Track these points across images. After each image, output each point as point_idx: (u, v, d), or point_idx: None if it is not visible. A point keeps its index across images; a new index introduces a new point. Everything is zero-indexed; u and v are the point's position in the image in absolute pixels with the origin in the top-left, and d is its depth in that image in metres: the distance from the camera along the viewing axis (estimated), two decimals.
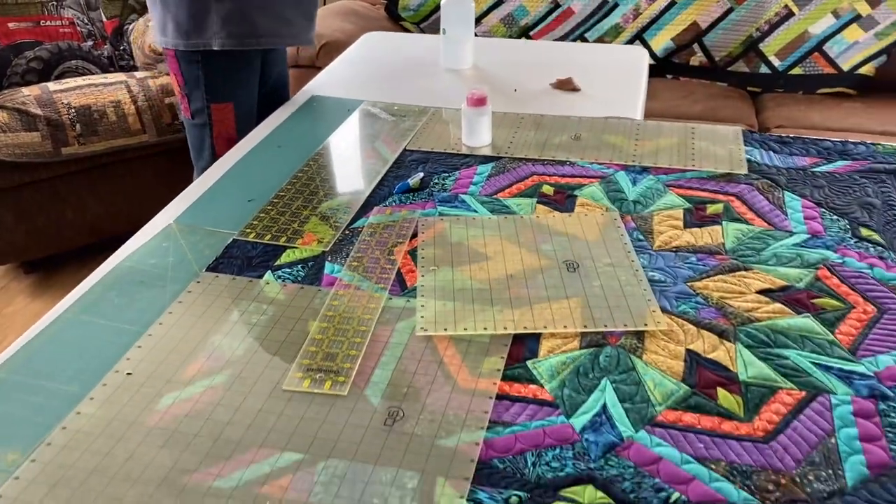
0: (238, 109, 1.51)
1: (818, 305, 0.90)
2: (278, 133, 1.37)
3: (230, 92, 1.50)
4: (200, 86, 1.49)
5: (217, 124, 1.51)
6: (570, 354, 0.82)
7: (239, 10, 1.44)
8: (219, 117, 1.51)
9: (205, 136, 1.52)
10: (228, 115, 1.51)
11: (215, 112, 1.50)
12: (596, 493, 0.67)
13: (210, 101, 1.49)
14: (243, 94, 1.52)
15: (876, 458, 0.70)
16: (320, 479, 0.68)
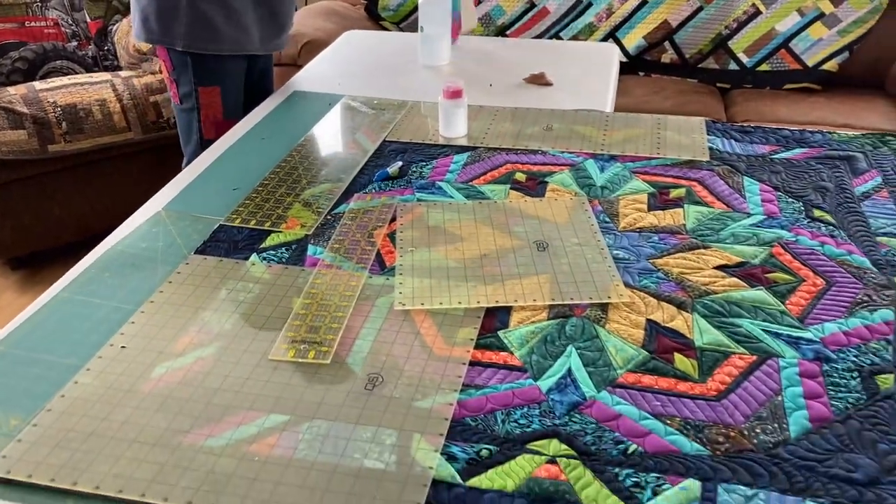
0: (225, 93, 1.57)
1: (771, 279, 0.96)
2: (262, 126, 1.42)
3: (217, 76, 1.56)
4: (188, 70, 1.54)
5: (204, 108, 1.56)
6: (538, 325, 0.88)
7: (204, 16, 1.50)
8: (206, 101, 1.56)
9: (193, 120, 1.58)
10: (216, 99, 1.56)
11: (203, 95, 1.55)
12: (560, 445, 0.72)
13: (198, 85, 1.54)
14: (230, 79, 1.57)
15: (818, 412, 0.76)
16: (305, 437, 0.73)
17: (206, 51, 1.52)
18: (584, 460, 0.71)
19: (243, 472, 0.70)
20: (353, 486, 0.68)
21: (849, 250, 1.02)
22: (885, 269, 0.99)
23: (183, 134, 1.63)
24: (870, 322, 0.89)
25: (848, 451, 0.72)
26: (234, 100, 1.59)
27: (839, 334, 0.87)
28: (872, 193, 1.16)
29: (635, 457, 0.71)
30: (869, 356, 0.84)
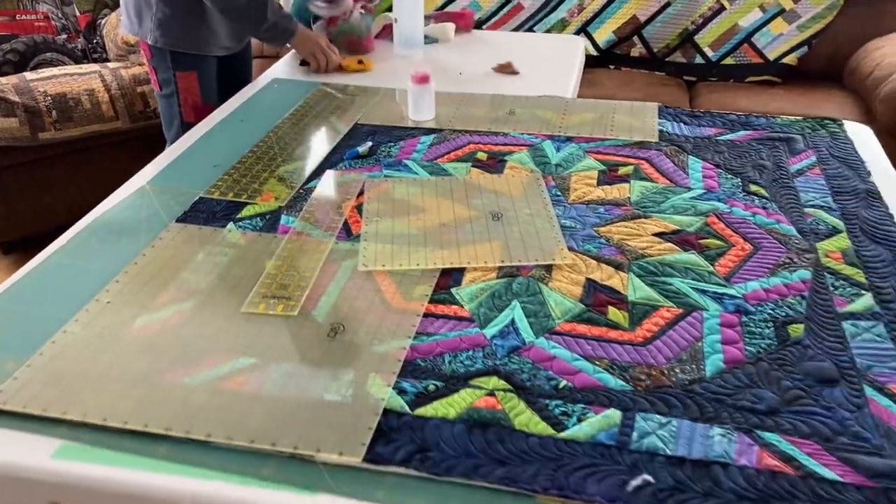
0: (202, 78, 1.67)
1: (703, 244, 1.05)
2: (241, 110, 1.50)
3: (193, 62, 1.66)
4: (166, 57, 1.65)
5: (183, 92, 1.66)
6: (488, 283, 0.97)
7: (171, 16, 1.61)
8: (184, 85, 1.66)
9: (173, 105, 1.68)
10: (193, 84, 1.66)
11: (181, 80, 1.66)
12: (499, 381, 0.81)
13: (175, 70, 1.65)
14: (206, 63, 1.67)
15: (732, 356, 0.85)
16: (271, 376, 0.82)
17: (175, 48, 1.63)
18: (520, 393, 0.80)
19: (215, 403, 0.78)
20: (312, 415, 0.77)
21: (777, 220, 1.11)
22: (809, 236, 1.08)
23: (165, 120, 1.73)
24: (789, 281, 0.98)
25: (755, 387, 0.81)
26: (211, 85, 1.69)
27: (760, 291, 0.96)
28: (806, 171, 1.26)
29: (565, 391, 0.80)
30: (784, 309, 0.93)
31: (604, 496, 0.69)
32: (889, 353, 0.86)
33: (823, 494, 0.69)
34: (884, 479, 0.71)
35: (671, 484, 0.70)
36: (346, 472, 0.71)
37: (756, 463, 0.72)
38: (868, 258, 1.03)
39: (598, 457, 0.73)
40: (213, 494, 0.70)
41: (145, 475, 0.71)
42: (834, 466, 0.72)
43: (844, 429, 0.76)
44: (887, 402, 0.79)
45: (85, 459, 0.73)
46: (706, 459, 0.72)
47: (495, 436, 0.75)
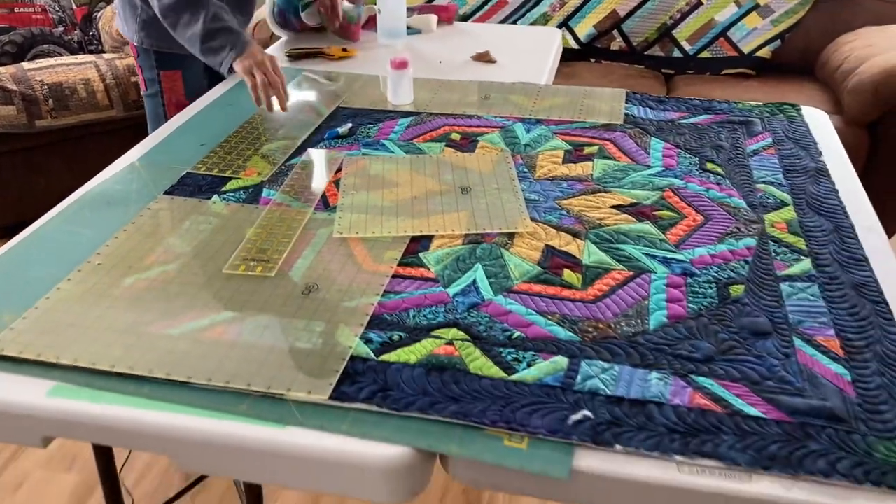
0: (186, 77, 1.69)
1: (657, 216, 1.13)
2: (229, 95, 1.57)
3: (178, 61, 1.67)
4: (150, 57, 1.67)
5: (167, 91, 1.69)
6: (453, 249, 1.04)
7: (151, 17, 1.60)
8: (168, 84, 1.68)
9: (158, 105, 1.71)
10: (178, 83, 1.69)
11: (165, 79, 1.68)
12: (458, 332, 0.88)
13: (160, 69, 1.67)
14: (190, 62, 1.67)
15: (675, 312, 0.93)
16: (248, 328, 0.89)
17: (159, 48, 1.66)
18: (476, 342, 0.87)
19: (195, 351, 0.85)
20: (285, 360, 0.84)
21: (730, 194, 1.19)
22: (758, 208, 1.15)
23: (150, 120, 1.74)
24: (734, 247, 1.05)
25: (693, 339, 0.88)
26: (196, 83, 1.71)
27: (706, 256, 1.03)
28: (761, 151, 1.33)
29: (518, 340, 0.87)
30: (727, 272, 1.00)
31: (547, 428, 0.76)
32: (820, 310, 0.93)
33: (746, 428, 0.76)
34: (802, 416, 0.78)
35: (608, 419, 0.77)
36: (314, 409, 0.78)
37: (688, 402, 0.79)
38: (810, 228, 1.10)
39: (544, 396, 0.80)
40: (193, 428, 0.77)
41: (131, 411, 0.78)
42: (759, 405, 0.79)
43: (772, 374, 0.83)
44: (813, 352, 0.86)
45: (76, 398, 0.80)
46: (642, 399, 0.79)
47: (451, 378, 0.82)
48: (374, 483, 0.74)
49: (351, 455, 0.74)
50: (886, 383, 0.82)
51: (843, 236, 1.09)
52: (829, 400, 0.79)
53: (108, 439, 0.81)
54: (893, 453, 0.74)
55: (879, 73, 2.06)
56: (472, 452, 0.74)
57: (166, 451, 0.79)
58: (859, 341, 0.89)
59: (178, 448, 0.78)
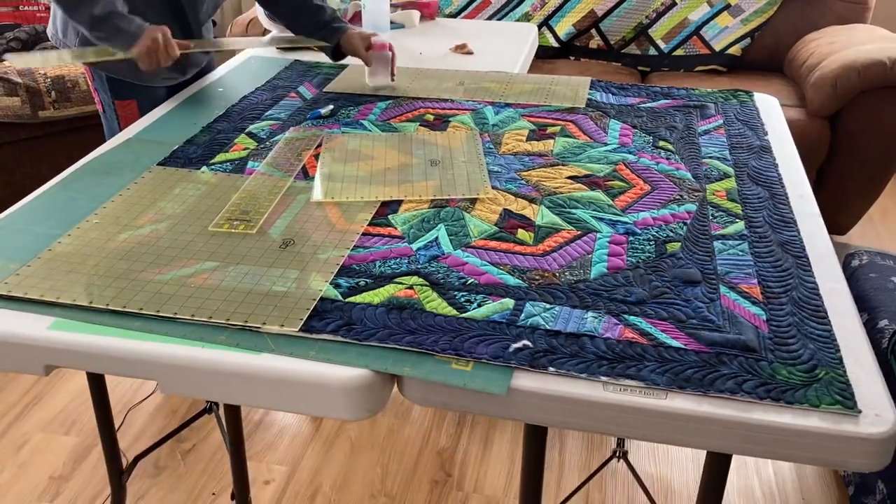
0: (143, 107, 1.57)
1: (609, 185, 1.23)
2: (220, 82, 1.67)
3: (133, 90, 1.58)
4: (104, 82, 1.57)
5: (124, 120, 1.60)
6: (420, 211, 1.14)
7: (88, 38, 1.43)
8: (124, 113, 1.59)
9: (115, 131, 1.61)
10: (133, 112, 1.59)
11: (120, 108, 1.59)
12: (418, 279, 0.98)
13: (114, 98, 1.58)
14: (146, 92, 1.59)
15: (614, 264, 1.03)
16: (230, 274, 0.99)
17: (112, 75, 1.55)
18: (433, 287, 0.97)
19: (182, 293, 0.95)
20: (261, 300, 0.94)
21: (677, 168, 1.29)
22: (702, 179, 1.25)
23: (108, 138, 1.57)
24: (675, 211, 1.15)
25: (629, 286, 0.98)
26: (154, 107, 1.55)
27: (648, 219, 1.14)
28: (712, 131, 1.43)
29: (471, 286, 0.97)
30: (666, 232, 1.10)
31: (490, 355, 0.86)
32: (747, 262, 1.04)
33: (668, 357, 0.86)
34: (718, 347, 0.88)
35: (545, 348, 0.87)
36: (285, 339, 0.88)
37: (618, 336, 0.89)
38: (747, 195, 1.21)
39: (490, 330, 0.90)
40: (178, 355, 0.87)
41: (123, 342, 0.88)
42: (681, 339, 0.89)
43: (696, 314, 0.93)
44: (735, 297, 0.97)
45: (74, 331, 0.90)
46: (577, 333, 0.89)
47: (409, 315, 0.92)
48: (337, 401, 0.84)
49: (317, 377, 0.84)
50: (797, 322, 0.92)
51: (776, 203, 1.19)
52: (744, 335, 0.89)
53: (103, 367, 0.91)
54: (794, 376, 0.84)
55: (838, 69, 2.17)
56: (422, 373, 0.84)
57: (154, 377, 0.88)
58: (778, 288, 0.99)
59: (165, 373, 0.88)
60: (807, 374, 0.84)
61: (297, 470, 1.69)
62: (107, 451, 1.43)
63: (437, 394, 0.85)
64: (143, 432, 1.78)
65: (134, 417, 1.82)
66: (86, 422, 1.79)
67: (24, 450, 1.72)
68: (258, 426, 1.81)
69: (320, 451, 1.74)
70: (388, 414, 1.84)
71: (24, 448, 1.73)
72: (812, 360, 0.86)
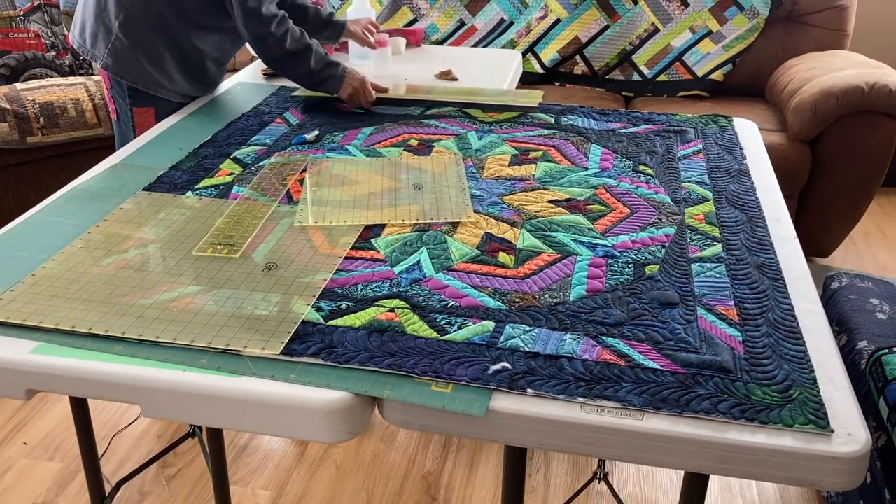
0: (159, 115, 1.66)
1: (589, 209, 1.25)
2: (208, 107, 1.69)
3: (152, 98, 1.66)
4: (123, 89, 1.65)
5: (140, 127, 1.66)
6: (402, 235, 1.16)
7: (131, 49, 1.60)
8: (140, 120, 1.67)
9: (129, 138, 1.67)
10: (150, 119, 1.66)
11: (137, 115, 1.67)
12: (400, 302, 1.00)
13: (132, 105, 1.65)
14: (165, 101, 1.68)
15: (593, 286, 1.04)
16: (213, 298, 1.00)
17: (123, 79, 1.64)
18: (415, 310, 0.98)
19: (164, 317, 0.96)
20: (244, 323, 0.94)
21: (656, 191, 1.31)
22: (680, 203, 1.28)
23: (119, 146, 1.67)
24: (654, 234, 1.17)
25: (607, 308, 1.00)
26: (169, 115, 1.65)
27: (627, 242, 1.15)
28: (691, 155, 1.46)
29: (452, 308, 0.99)
30: (645, 255, 1.12)
31: (469, 377, 0.87)
32: (723, 285, 1.05)
33: (644, 378, 0.87)
34: (695, 368, 0.89)
35: (524, 370, 0.88)
36: (266, 362, 0.89)
37: (595, 357, 0.90)
38: (725, 219, 1.23)
39: (470, 352, 0.91)
40: (160, 379, 0.87)
41: (105, 365, 0.89)
42: (658, 360, 0.90)
43: (673, 336, 0.95)
44: (712, 318, 0.98)
45: (57, 355, 0.90)
46: (556, 354, 0.91)
47: (389, 338, 0.93)
48: (318, 424, 0.85)
49: (298, 400, 0.85)
50: (772, 343, 0.94)
51: (753, 226, 1.21)
52: (720, 355, 0.91)
53: (85, 391, 0.91)
54: (768, 396, 0.85)
55: (818, 94, 2.21)
56: (402, 395, 0.85)
57: (137, 400, 0.89)
58: (754, 310, 1.00)
59: (147, 397, 0.88)
60: (781, 394, 0.85)
61: (282, 495, 1.68)
62: (89, 476, 1.43)
63: (417, 416, 0.86)
64: (128, 457, 1.77)
65: (119, 443, 1.81)
66: (70, 447, 1.78)
67: (8, 476, 1.71)
68: (243, 451, 1.81)
69: (305, 476, 1.73)
70: (373, 438, 1.84)
71: (8, 474, 1.72)
72: (786, 381, 0.87)
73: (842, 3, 2.61)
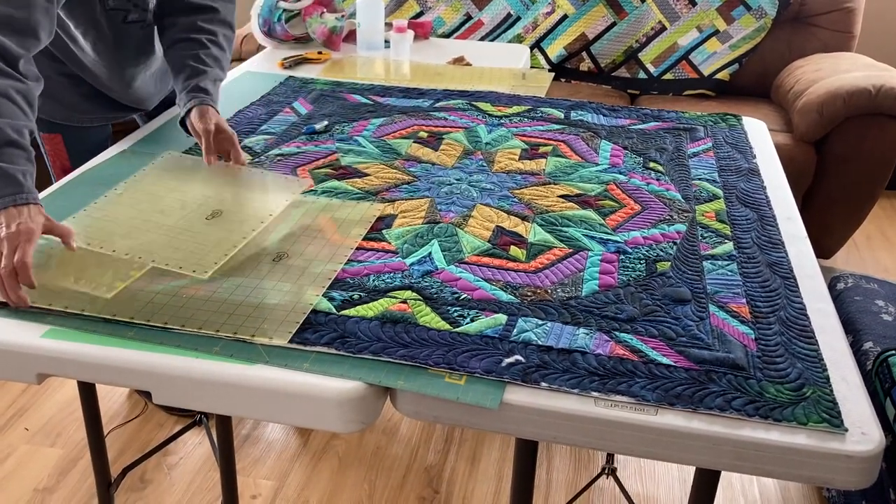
0: (69, 141, 1.51)
1: (600, 204, 1.24)
2: None
3: (57, 125, 1.50)
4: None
5: (50, 155, 1.53)
6: (413, 227, 1.15)
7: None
8: (50, 147, 1.52)
9: (44, 166, 1.47)
10: (59, 147, 1.52)
11: (46, 142, 1.52)
12: (412, 293, 0.99)
13: (39, 130, 1.48)
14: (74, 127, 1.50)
15: (605, 281, 1.04)
16: (223, 286, 0.99)
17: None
18: (427, 301, 0.98)
19: (174, 302, 0.95)
20: (253, 311, 0.94)
21: (667, 188, 1.31)
22: (691, 200, 1.27)
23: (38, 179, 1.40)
24: (666, 231, 1.17)
25: (620, 303, 1.00)
26: (82, 147, 1.48)
27: (639, 238, 1.15)
28: (701, 153, 1.46)
29: (464, 301, 0.98)
30: (657, 251, 1.12)
31: (482, 369, 0.87)
32: (735, 282, 1.05)
33: (657, 373, 0.87)
34: (708, 365, 0.89)
35: (538, 363, 0.88)
36: (279, 351, 0.89)
37: (608, 352, 0.90)
38: (736, 217, 1.23)
39: (483, 344, 0.91)
40: (171, 365, 0.87)
41: (116, 351, 0.88)
42: (670, 356, 0.90)
43: (686, 332, 0.95)
44: (725, 316, 0.98)
45: (68, 339, 0.90)
46: (569, 348, 0.90)
47: (402, 329, 0.93)
48: (330, 413, 0.85)
49: (311, 389, 0.84)
50: (785, 341, 0.94)
51: (764, 224, 1.21)
52: (733, 353, 0.91)
53: (95, 376, 0.91)
54: (781, 394, 0.85)
55: (824, 95, 2.21)
56: (415, 386, 0.84)
57: (148, 386, 0.89)
58: (766, 308, 1.00)
59: (159, 382, 0.88)
60: (794, 392, 0.85)
61: (284, 485, 1.68)
62: (95, 462, 1.42)
63: (430, 407, 0.85)
64: (128, 446, 1.77)
65: (118, 431, 1.81)
66: (71, 434, 1.78)
67: (9, 462, 1.71)
68: (245, 440, 1.80)
69: (307, 467, 1.73)
70: (375, 430, 1.84)
71: (10, 460, 1.71)
72: (799, 379, 0.87)
73: (849, 5, 2.60)
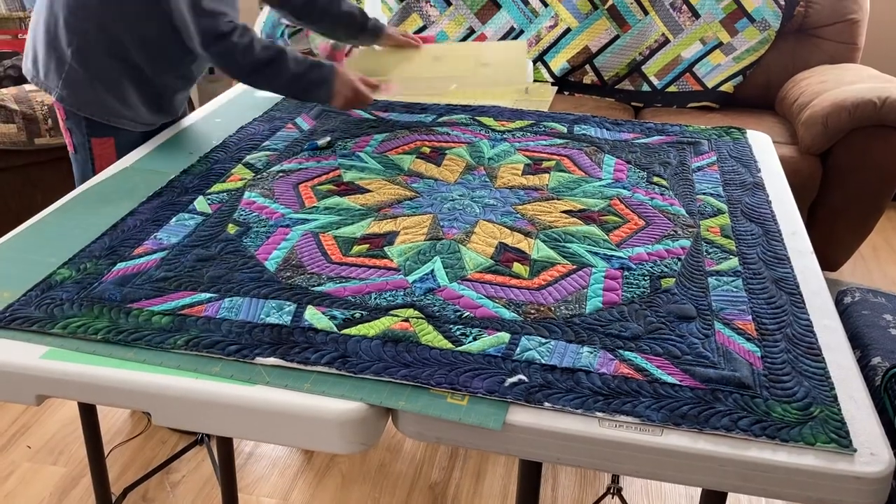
0: (120, 145, 1.55)
1: (603, 220, 1.24)
2: (217, 112, 1.68)
3: (111, 128, 1.54)
4: (81, 121, 1.53)
5: (98, 159, 1.55)
6: (415, 244, 1.15)
7: (86, 79, 1.47)
8: (99, 152, 1.55)
9: (87, 172, 1.56)
10: (110, 150, 1.55)
11: (96, 146, 1.54)
12: (414, 312, 0.98)
13: (90, 136, 1.53)
14: (124, 132, 1.55)
15: (609, 298, 1.03)
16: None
17: (79, 111, 1.51)
18: (429, 320, 0.97)
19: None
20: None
21: (671, 203, 1.30)
22: (696, 215, 1.26)
23: (79, 181, 1.59)
24: (670, 247, 1.16)
25: (624, 321, 0.99)
26: (130, 149, 1.51)
27: (643, 254, 1.14)
28: (705, 168, 1.45)
29: (467, 319, 0.98)
30: (661, 267, 1.11)
31: (485, 389, 0.86)
32: (741, 299, 1.04)
33: (663, 393, 0.86)
34: (713, 384, 0.88)
35: (541, 383, 0.87)
36: (280, 371, 0.88)
37: (613, 371, 0.89)
38: (741, 232, 1.22)
39: (486, 364, 0.90)
40: (172, 386, 0.86)
41: (116, 371, 0.88)
42: (676, 374, 0.89)
43: (691, 350, 0.93)
44: (730, 333, 0.97)
45: (67, 360, 0.89)
46: (573, 367, 0.89)
47: (404, 348, 0.92)
48: (332, 434, 0.84)
49: (311, 409, 0.83)
50: (791, 359, 0.93)
51: (769, 239, 1.20)
52: (739, 371, 0.90)
53: (96, 398, 0.90)
54: (789, 413, 0.84)
55: (829, 107, 2.20)
56: (417, 407, 0.83)
57: (148, 407, 0.88)
58: (772, 325, 0.99)
59: (159, 404, 0.87)
60: (802, 411, 0.84)
61: (287, 503, 1.67)
62: (96, 481, 1.41)
63: (432, 428, 0.84)
64: (131, 463, 1.76)
65: (120, 448, 1.80)
66: (73, 451, 1.77)
67: (11, 480, 1.70)
68: (248, 458, 1.79)
69: (311, 484, 1.72)
70: (379, 447, 1.82)
71: (11, 478, 1.70)
72: (807, 398, 0.86)
73: (853, 17, 2.60)
